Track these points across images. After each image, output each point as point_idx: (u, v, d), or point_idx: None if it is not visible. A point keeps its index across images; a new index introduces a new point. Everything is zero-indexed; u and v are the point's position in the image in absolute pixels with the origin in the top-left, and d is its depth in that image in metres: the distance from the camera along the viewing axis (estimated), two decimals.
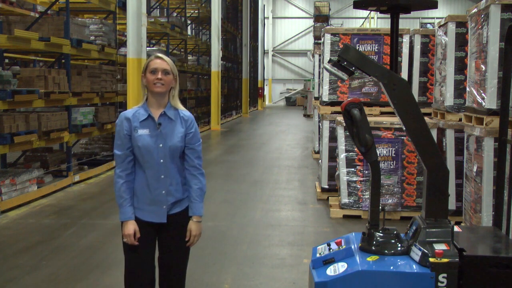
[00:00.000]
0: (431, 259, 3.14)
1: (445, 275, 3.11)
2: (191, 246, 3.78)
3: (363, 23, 40.13)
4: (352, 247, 3.42)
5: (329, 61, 3.49)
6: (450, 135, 7.52)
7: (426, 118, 3.90)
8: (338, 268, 3.27)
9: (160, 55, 3.67)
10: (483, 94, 5.82)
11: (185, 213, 3.74)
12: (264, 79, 44.69)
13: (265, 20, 45.38)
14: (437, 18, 37.51)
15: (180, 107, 3.73)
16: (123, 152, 3.61)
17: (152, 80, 3.59)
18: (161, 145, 3.61)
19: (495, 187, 4.63)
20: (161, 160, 3.62)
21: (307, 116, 30.12)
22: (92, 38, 11.66)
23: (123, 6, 12.52)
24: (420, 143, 3.42)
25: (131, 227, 3.60)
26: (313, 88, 17.19)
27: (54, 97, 9.66)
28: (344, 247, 3.45)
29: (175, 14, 21.44)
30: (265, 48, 45.64)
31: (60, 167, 10.89)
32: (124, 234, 3.62)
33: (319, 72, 12.62)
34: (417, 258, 3.23)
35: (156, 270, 3.78)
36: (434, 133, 7.55)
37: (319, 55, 13.77)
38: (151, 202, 3.64)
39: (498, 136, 4.05)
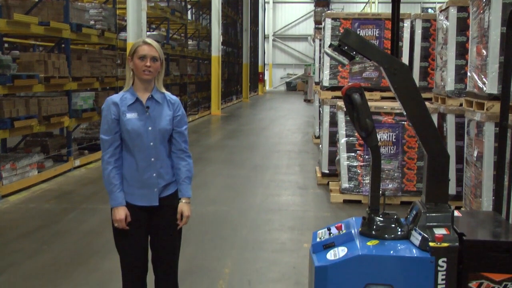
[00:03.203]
0: (431, 244, 3.14)
1: (445, 259, 3.11)
2: (182, 227, 3.76)
3: (364, 7, 39.98)
4: (352, 231, 3.43)
5: (330, 45, 3.47)
6: (450, 120, 7.50)
7: (427, 103, 3.89)
8: (338, 253, 3.27)
9: (148, 40, 3.62)
10: (484, 79, 5.80)
11: (175, 195, 3.72)
12: (264, 64, 44.59)
13: (266, 4, 45.20)
14: (438, 2, 37.34)
15: (165, 91, 3.72)
16: (111, 137, 3.58)
17: (141, 67, 3.56)
18: (150, 128, 3.60)
19: (495, 172, 4.63)
20: (151, 143, 3.60)
21: (307, 101, 30.08)
22: (92, 22, 11.62)
23: None
24: (421, 128, 3.41)
25: (122, 212, 3.59)
26: (314, 73, 17.15)
27: (54, 81, 9.64)
28: (344, 231, 3.46)
29: None
30: (266, 33, 45.47)
31: (61, 152, 10.89)
32: (115, 219, 3.61)
33: (320, 57, 12.59)
34: (417, 242, 3.23)
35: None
36: (434, 118, 7.54)
37: (320, 40, 13.72)
38: (142, 186, 3.63)
39: (499, 121, 4.04)
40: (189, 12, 23.99)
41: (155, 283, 3.82)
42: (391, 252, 3.23)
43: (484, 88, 5.77)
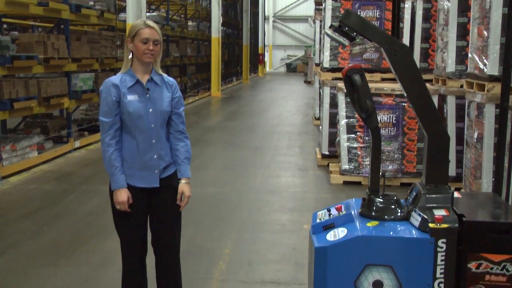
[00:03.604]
0: (430, 225, 3.15)
1: (444, 240, 3.12)
2: (182, 208, 3.78)
3: None
4: (352, 212, 3.43)
5: (330, 26, 3.45)
6: (451, 102, 7.49)
7: (427, 85, 3.88)
8: (338, 234, 3.28)
9: (150, 23, 3.60)
10: (485, 60, 5.78)
11: (175, 176, 3.74)
12: (264, 45, 44.40)
13: None
14: None
15: (162, 73, 3.73)
16: (111, 119, 3.56)
17: (143, 50, 3.55)
18: (150, 110, 3.60)
19: (495, 154, 4.64)
20: (152, 125, 3.61)
21: (307, 82, 30.01)
22: (91, 3, 11.54)
23: None
24: (421, 109, 3.40)
25: (124, 194, 3.59)
26: (314, 55, 17.11)
27: (54, 62, 9.61)
28: (344, 212, 3.46)
29: None
30: (266, 14, 45.23)
31: (61, 133, 10.89)
32: (117, 201, 3.61)
33: (320, 38, 12.54)
34: (416, 223, 3.24)
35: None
36: (435, 99, 7.52)
37: (320, 21, 13.67)
38: (142, 168, 3.63)
39: (500, 102, 4.04)
40: None
41: (156, 265, 3.84)
42: (391, 233, 3.24)
43: (485, 70, 5.76)
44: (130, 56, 3.61)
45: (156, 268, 3.85)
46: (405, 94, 3.44)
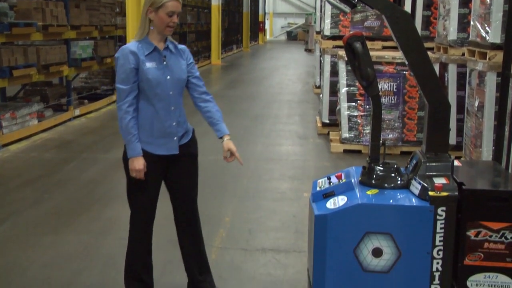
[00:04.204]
0: (430, 193, 3.15)
1: (444, 208, 3.13)
2: (198, 175, 3.87)
3: None
4: (352, 180, 3.44)
5: None
6: (452, 70, 7.46)
7: (429, 53, 3.85)
8: (338, 202, 3.29)
9: None
10: (487, 28, 5.73)
11: (191, 143, 3.79)
12: (265, 13, 44.07)
13: None
14: None
15: (174, 41, 3.75)
16: (129, 86, 3.56)
17: (167, 22, 3.56)
18: (168, 77, 3.61)
19: (496, 122, 4.63)
20: (171, 92, 3.63)
21: (308, 50, 29.84)
22: None
23: None
24: (422, 77, 3.39)
25: (140, 162, 3.58)
26: (315, 22, 16.98)
27: (52, 30, 9.54)
28: (344, 180, 3.46)
29: None
30: None
31: (60, 101, 10.86)
32: (133, 169, 3.59)
33: (321, 5, 12.41)
34: (416, 191, 3.25)
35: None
36: (436, 67, 7.49)
37: None
38: (162, 135, 3.64)
39: (501, 70, 4.01)
40: None
41: (179, 234, 3.88)
42: (391, 201, 3.25)
43: (487, 38, 5.71)
44: (148, 24, 3.60)
45: (178, 234, 3.89)
46: (406, 62, 3.42)
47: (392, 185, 3.38)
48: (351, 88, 8.11)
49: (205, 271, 3.93)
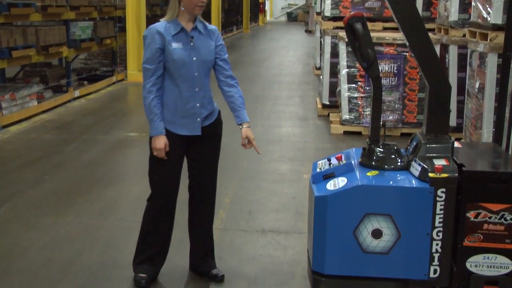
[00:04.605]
0: (430, 174, 3.15)
1: (443, 189, 3.13)
2: (219, 158, 3.91)
3: None
4: (352, 162, 3.44)
5: None
6: (453, 51, 7.43)
7: (430, 34, 3.83)
8: (338, 183, 3.29)
9: None
10: (488, 9, 5.70)
11: (216, 124, 3.81)
12: None
13: None
14: None
15: (204, 20, 3.75)
16: (154, 66, 3.59)
17: (197, 2, 3.59)
18: (194, 58, 3.62)
19: (496, 104, 4.61)
20: (196, 73, 3.63)
21: (308, 31, 29.67)
22: None
23: None
24: (423, 58, 3.37)
25: (162, 141, 3.61)
26: (315, 3, 16.88)
27: (52, 10, 9.49)
28: (344, 162, 3.47)
29: None
30: None
31: (60, 82, 10.83)
32: (155, 148, 3.63)
33: None
34: (416, 173, 3.25)
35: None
36: (437, 49, 7.45)
37: None
38: (185, 115, 3.66)
39: (502, 52, 3.99)
40: None
41: (192, 213, 3.91)
42: (391, 182, 3.25)
43: (489, 18, 5.68)
44: (177, 4, 3.61)
45: (190, 214, 3.92)
46: (407, 43, 3.40)
47: (392, 166, 3.38)
48: (352, 69, 8.09)
49: (209, 254, 3.96)
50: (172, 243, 3.94)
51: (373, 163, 3.41)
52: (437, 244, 3.19)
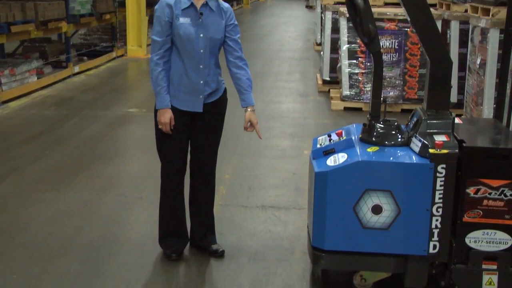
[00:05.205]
0: (430, 150, 3.15)
1: (444, 165, 3.13)
2: (221, 137, 3.90)
3: None
4: (353, 138, 3.43)
5: None
6: (454, 27, 7.39)
7: (431, 9, 3.80)
8: (338, 159, 3.29)
9: None
10: None
11: (220, 102, 3.81)
12: None
13: None
14: None
15: None
16: (163, 39, 3.60)
17: None
18: (201, 35, 3.60)
19: (497, 80, 4.59)
20: (201, 50, 3.62)
21: (309, 7, 29.50)
22: None
23: None
24: (424, 34, 3.35)
25: (167, 115, 3.63)
26: None
27: None
28: (344, 138, 3.46)
29: None
30: None
31: (59, 58, 10.77)
32: (160, 122, 3.65)
33: None
34: (417, 149, 3.25)
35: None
36: (438, 24, 7.41)
37: None
38: (188, 91, 3.66)
39: (505, 27, 3.96)
40: None
41: (192, 188, 3.93)
42: (391, 158, 3.25)
43: None
44: None
45: (191, 189, 3.94)
46: (409, 19, 3.38)
47: (392, 142, 3.38)
48: (352, 45, 8.05)
49: (210, 230, 3.97)
50: None
51: (374, 139, 3.41)
52: (436, 220, 3.20)
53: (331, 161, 3.31)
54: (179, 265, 3.86)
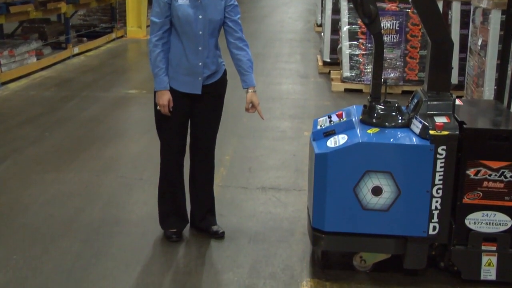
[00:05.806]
0: (431, 132, 3.15)
1: (444, 147, 3.13)
2: (220, 117, 3.88)
3: None
4: (353, 119, 3.43)
5: None
6: (456, 8, 7.35)
7: None
8: (338, 140, 3.29)
9: None
10: None
11: (219, 84, 3.80)
12: None
13: None
14: None
15: None
16: (161, 20, 3.58)
17: None
18: (200, 16, 3.57)
19: (499, 61, 4.58)
20: (200, 32, 3.60)
21: None
22: None
23: None
24: (425, 14, 3.33)
25: (165, 97, 3.62)
26: None
27: None
28: (345, 119, 3.46)
29: None
30: None
31: (59, 39, 10.73)
32: (158, 103, 3.64)
33: None
34: (417, 130, 3.24)
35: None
36: (440, 5, 7.36)
37: None
38: (187, 73, 3.65)
39: (506, 8, 3.94)
40: None
41: (192, 169, 3.93)
42: (391, 140, 3.25)
43: None
44: None
45: (191, 170, 3.94)
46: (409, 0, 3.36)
47: (393, 124, 3.38)
48: (353, 26, 8.01)
49: (210, 211, 3.98)
50: None
51: (374, 120, 3.40)
52: (436, 201, 3.20)
53: (331, 143, 3.30)
54: (179, 246, 3.87)
